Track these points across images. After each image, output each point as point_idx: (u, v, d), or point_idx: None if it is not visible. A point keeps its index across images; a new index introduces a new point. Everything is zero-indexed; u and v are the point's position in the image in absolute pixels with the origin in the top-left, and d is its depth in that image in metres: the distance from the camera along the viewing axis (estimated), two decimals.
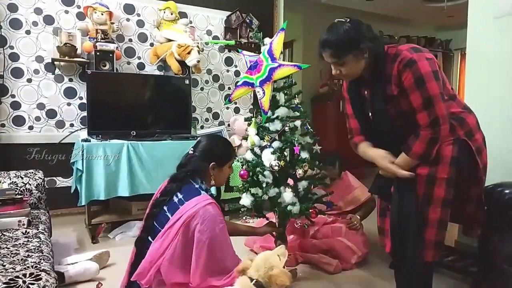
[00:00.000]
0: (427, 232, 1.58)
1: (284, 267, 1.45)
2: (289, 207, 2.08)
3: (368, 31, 1.57)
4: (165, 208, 1.66)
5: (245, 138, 2.27)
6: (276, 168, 2.03)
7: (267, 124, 2.17)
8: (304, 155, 2.11)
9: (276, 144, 2.09)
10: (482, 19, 2.50)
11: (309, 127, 2.24)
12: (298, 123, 2.17)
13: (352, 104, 1.83)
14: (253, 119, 2.21)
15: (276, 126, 2.14)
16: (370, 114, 1.73)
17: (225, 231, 1.64)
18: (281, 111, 2.15)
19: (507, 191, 1.72)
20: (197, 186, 1.72)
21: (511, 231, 1.69)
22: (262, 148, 2.15)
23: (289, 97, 2.23)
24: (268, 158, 2.05)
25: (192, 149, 1.82)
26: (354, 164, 2.76)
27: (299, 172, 2.08)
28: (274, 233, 2.29)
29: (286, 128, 2.12)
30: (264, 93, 2.05)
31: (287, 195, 2.09)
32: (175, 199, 1.66)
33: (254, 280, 1.37)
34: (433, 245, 1.58)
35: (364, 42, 1.54)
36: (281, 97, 2.19)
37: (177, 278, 1.56)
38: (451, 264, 2.23)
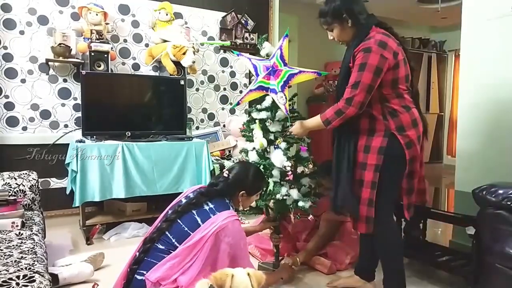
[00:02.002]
0: (360, 209, 1.84)
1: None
2: (300, 203, 2.14)
3: (358, 6, 1.86)
4: (194, 211, 1.73)
5: (248, 139, 2.29)
6: (288, 168, 2.11)
7: (268, 126, 2.23)
8: (305, 154, 2.23)
9: (283, 145, 2.16)
10: (475, 21, 2.52)
11: None
12: None
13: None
14: (257, 121, 2.23)
15: (276, 127, 2.22)
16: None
17: (246, 246, 1.81)
18: (281, 113, 2.20)
19: (500, 192, 1.74)
20: (227, 201, 1.84)
21: (504, 230, 1.71)
22: (264, 150, 2.20)
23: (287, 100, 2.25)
24: (280, 159, 2.11)
25: (227, 172, 1.91)
26: None
27: (305, 170, 2.20)
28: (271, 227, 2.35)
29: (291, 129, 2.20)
30: (285, 97, 2.09)
31: (294, 192, 2.16)
32: (206, 207, 1.75)
33: (210, 284, 1.41)
34: (365, 220, 1.83)
35: (348, 14, 1.84)
36: None
37: (189, 282, 1.56)
38: (445, 264, 2.25)
